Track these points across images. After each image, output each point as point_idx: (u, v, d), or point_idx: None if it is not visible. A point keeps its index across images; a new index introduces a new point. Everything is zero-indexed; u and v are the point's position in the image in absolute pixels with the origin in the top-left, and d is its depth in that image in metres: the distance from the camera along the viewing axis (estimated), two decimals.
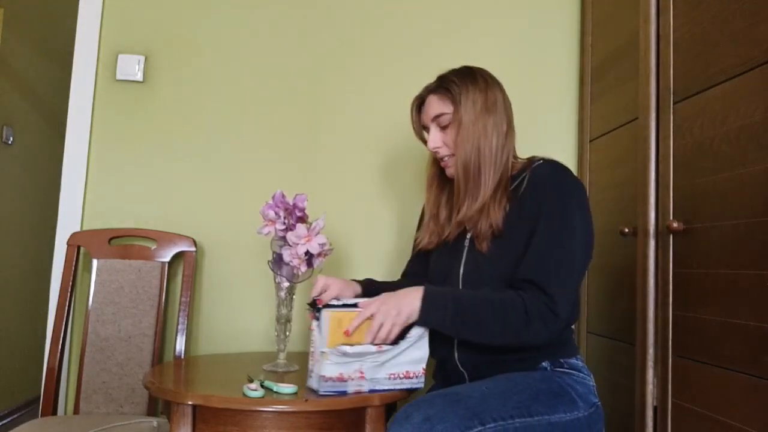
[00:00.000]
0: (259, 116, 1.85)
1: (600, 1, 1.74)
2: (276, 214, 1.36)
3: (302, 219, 1.39)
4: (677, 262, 1.25)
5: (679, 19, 1.27)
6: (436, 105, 1.27)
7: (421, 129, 1.34)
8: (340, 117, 1.86)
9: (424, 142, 1.33)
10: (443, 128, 1.26)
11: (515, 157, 1.28)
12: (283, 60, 1.86)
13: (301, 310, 1.79)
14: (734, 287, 1.07)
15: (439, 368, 1.30)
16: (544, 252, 1.12)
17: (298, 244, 1.33)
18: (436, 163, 1.34)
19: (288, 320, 1.43)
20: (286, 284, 1.40)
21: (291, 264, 1.34)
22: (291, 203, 1.37)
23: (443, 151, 1.27)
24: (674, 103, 1.28)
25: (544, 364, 1.17)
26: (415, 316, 1.12)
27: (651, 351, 1.31)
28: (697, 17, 1.21)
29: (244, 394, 1.13)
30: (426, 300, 1.12)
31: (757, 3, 1.04)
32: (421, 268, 1.40)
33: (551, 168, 1.21)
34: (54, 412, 1.60)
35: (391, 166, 1.85)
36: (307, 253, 1.33)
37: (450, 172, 1.28)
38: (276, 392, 1.16)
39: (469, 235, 1.26)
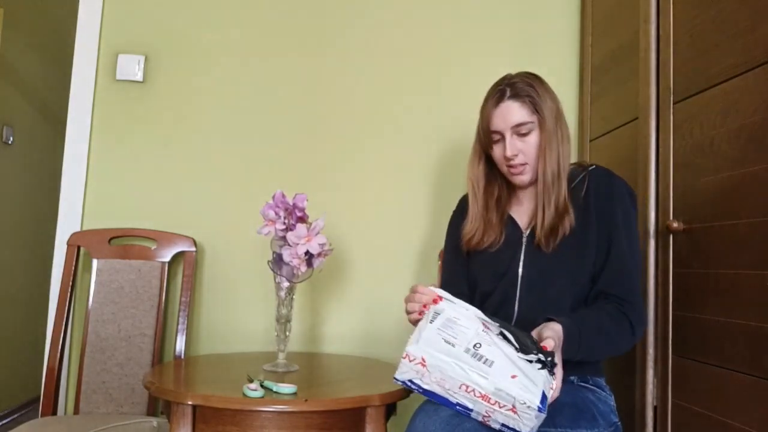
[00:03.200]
0: (259, 116, 1.85)
1: (600, 1, 1.74)
2: (276, 214, 1.37)
3: (302, 219, 1.39)
4: (677, 262, 1.25)
5: (679, 19, 1.28)
6: (517, 113, 1.22)
7: (491, 134, 1.26)
8: (341, 117, 1.86)
9: (491, 145, 1.27)
10: (521, 135, 1.23)
11: None
12: (283, 59, 1.86)
13: (301, 310, 1.80)
14: (734, 287, 1.07)
15: None
16: (627, 263, 1.18)
17: (298, 244, 1.33)
18: (483, 164, 1.32)
19: (288, 320, 1.43)
20: (286, 284, 1.40)
21: (291, 264, 1.34)
22: (291, 203, 1.37)
23: (519, 159, 1.24)
24: (674, 103, 1.28)
25: (572, 377, 1.17)
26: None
27: (651, 351, 1.31)
28: (697, 17, 1.21)
29: (244, 394, 1.13)
30: (566, 342, 1.05)
31: (757, 3, 1.04)
32: (463, 274, 1.36)
33: (610, 176, 1.24)
34: (54, 412, 1.60)
35: (391, 166, 1.85)
36: (307, 253, 1.33)
37: (523, 179, 1.26)
38: (276, 392, 1.16)
39: (526, 233, 1.26)
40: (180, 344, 1.68)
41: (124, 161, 1.82)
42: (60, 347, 1.63)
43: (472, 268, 1.34)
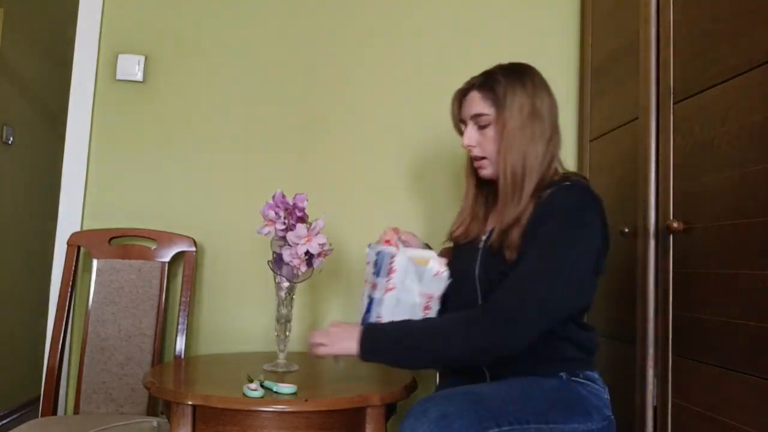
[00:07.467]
0: (259, 116, 1.85)
1: (600, 1, 1.74)
2: (276, 214, 1.36)
3: (302, 219, 1.39)
4: (677, 262, 1.25)
5: (679, 19, 1.27)
6: (477, 103, 1.22)
7: (459, 122, 1.29)
8: (341, 117, 1.86)
9: (461, 134, 1.28)
10: (481, 128, 1.22)
11: (558, 163, 1.24)
12: (283, 59, 1.86)
13: (302, 309, 1.80)
14: (734, 287, 1.07)
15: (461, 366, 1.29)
16: (526, 276, 1.09)
17: (298, 244, 1.33)
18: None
19: (288, 320, 1.43)
20: (286, 284, 1.40)
21: (291, 264, 1.34)
22: (291, 203, 1.37)
23: (476, 151, 1.24)
24: (674, 103, 1.28)
25: (561, 373, 1.16)
26: (353, 353, 1.13)
27: (651, 351, 1.31)
28: (697, 17, 1.21)
29: (244, 394, 1.13)
30: (364, 344, 1.12)
31: (757, 3, 1.04)
32: None
33: (565, 192, 1.15)
34: (54, 412, 1.60)
35: (391, 166, 1.85)
36: (307, 253, 1.33)
37: (484, 173, 1.25)
38: (276, 392, 1.16)
39: (484, 237, 1.25)
40: (180, 344, 1.68)
41: (124, 161, 1.82)
42: (60, 347, 1.63)
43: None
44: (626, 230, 1.42)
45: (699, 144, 1.19)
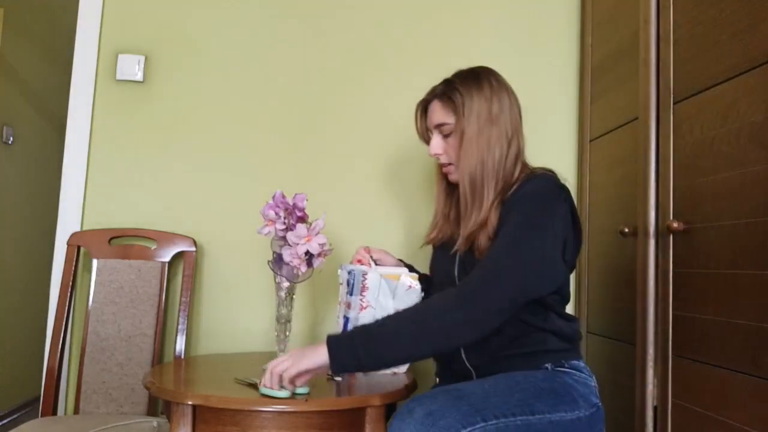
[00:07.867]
0: (259, 116, 1.85)
1: (600, 1, 1.74)
2: (276, 214, 1.37)
3: (302, 219, 1.39)
4: (677, 262, 1.25)
5: (679, 19, 1.28)
6: (438, 113, 1.26)
7: (425, 131, 1.34)
8: (341, 117, 1.86)
9: (428, 143, 1.33)
10: (445, 136, 1.26)
11: (523, 163, 1.25)
12: (283, 60, 1.86)
13: (302, 309, 1.80)
14: (734, 287, 1.07)
15: (445, 366, 1.30)
16: (493, 257, 1.10)
17: (298, 244, 1.33)
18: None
19: (288, 320, 1.43)
20: (286, 284, 1.40)
21: (291, 264, 1.34)
22: (291, 203, 1.38)
23: (443, 159, 1.28)
24: (674, 103, 1.28)
25: (546, 364, 1.17)
26: (324, 365, 1.08)
27: (651, 351, 1.31)
28: (698, 17, 1.21)
29: (263, 395, 1.11)
30: (331, 346, 1.07)
31: (757, 3, 1.04)
32: None
33: (534, 185, 1.17)
34: (54, 412, 1.60)
35: (391, 165, 1.85)
36: (307, 253, 1.33)
37: (452, 178, 1.29)
38: (294, 393, 1.14)
39: (458, 239, 1.26)
40: (180, 344, 1.68)
41: (124, 161, 1.82)
42: (60, 347, 1.63)
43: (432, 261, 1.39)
44: (626, 230, 1.42)
45: (699, 144, 1.19)
